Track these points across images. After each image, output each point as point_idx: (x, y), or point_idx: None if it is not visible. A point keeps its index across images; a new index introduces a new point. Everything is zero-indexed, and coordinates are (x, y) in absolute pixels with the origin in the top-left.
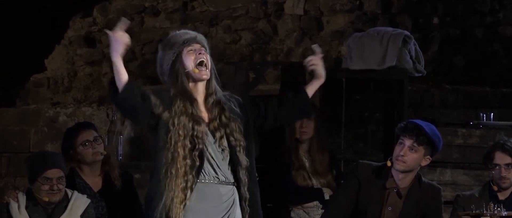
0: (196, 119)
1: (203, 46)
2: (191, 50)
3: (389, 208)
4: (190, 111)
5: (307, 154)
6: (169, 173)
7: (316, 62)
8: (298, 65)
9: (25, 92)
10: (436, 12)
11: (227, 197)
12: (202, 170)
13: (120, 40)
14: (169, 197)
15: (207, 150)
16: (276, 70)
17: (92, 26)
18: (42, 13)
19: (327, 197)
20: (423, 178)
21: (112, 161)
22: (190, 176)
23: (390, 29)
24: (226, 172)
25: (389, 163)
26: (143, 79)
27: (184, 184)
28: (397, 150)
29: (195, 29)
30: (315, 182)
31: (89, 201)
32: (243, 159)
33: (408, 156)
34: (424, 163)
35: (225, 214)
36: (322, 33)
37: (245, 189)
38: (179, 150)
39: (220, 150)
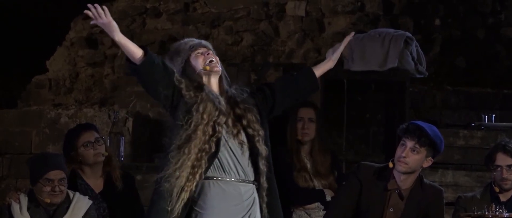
0: (221, 109)
1: (209, 49)
2: (199, 53)
3: (391, 210)
4: (218, 100)
5: (309, 155)
6: (182, 152)
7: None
8: (299, 67)
9: (26, 93)
10: (438, 13)
11: (248, 196)
12: (223, 167)
13: (106, 22)
14: (176, 172)
15: (227, 143)
16: (277, 72)
17: (93, 27)
18: (43, 14)
19: (328, 198)
20: (424, 180)
21: (114, 163)
22: (203, 162)
23: (391, 30)
24: (246, 168)
25: (391, 165)
26: None
27: (197, 163)
28: (398, 151)
29: (196, 30)
30: (316, 184)
31: (90, 202)
32: (263, 149)
33: (410, 158)
34: (426, 164)
35: (246, 213)
36: (324, 34)
37: (264, 179)
38: (198, 132)
39: (239, 145)
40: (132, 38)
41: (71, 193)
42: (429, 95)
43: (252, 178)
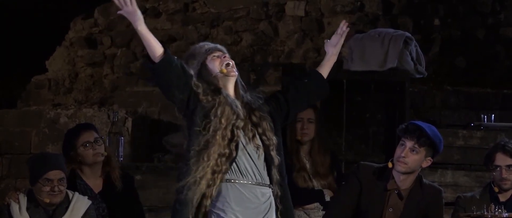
0: (238, 113)
1: (225, 52)
2: (215, 56)
3: (390, 210)
4: (235, 104)
5: (308, 155)
6: (201, 159)
7: (344, 36)
8: (299, 67)
9: (26, 94)
10: (437, 13)
11: (265, 199)
12: (240, 170)
13: (131, 11)
14: (196, 179)
15: (245, 147)
16: (277, 71)
17: (93, 27)
18: (43, 14)
19: (327, 198)
20: (424, 180)
21: (113, 162)
22: (224, 167)
23: (391, 30)
24: (262, 172)
25: (390, 165)
26: (144, 80)
27: (217, 168)
28: (398, 151)
29: (196, 30)
30: (316, 184)
31: (90, 202)
32: (276, 158)
33: (409, 158)
34: (425, 164)
35: (264, 217)
36: (323, 34)
37: (277, 187)
38: (217, 137)
39: (255, 148)
40: (131, 38)
41: (70, 193)
42: (429, 95)
43: (268, 182)
